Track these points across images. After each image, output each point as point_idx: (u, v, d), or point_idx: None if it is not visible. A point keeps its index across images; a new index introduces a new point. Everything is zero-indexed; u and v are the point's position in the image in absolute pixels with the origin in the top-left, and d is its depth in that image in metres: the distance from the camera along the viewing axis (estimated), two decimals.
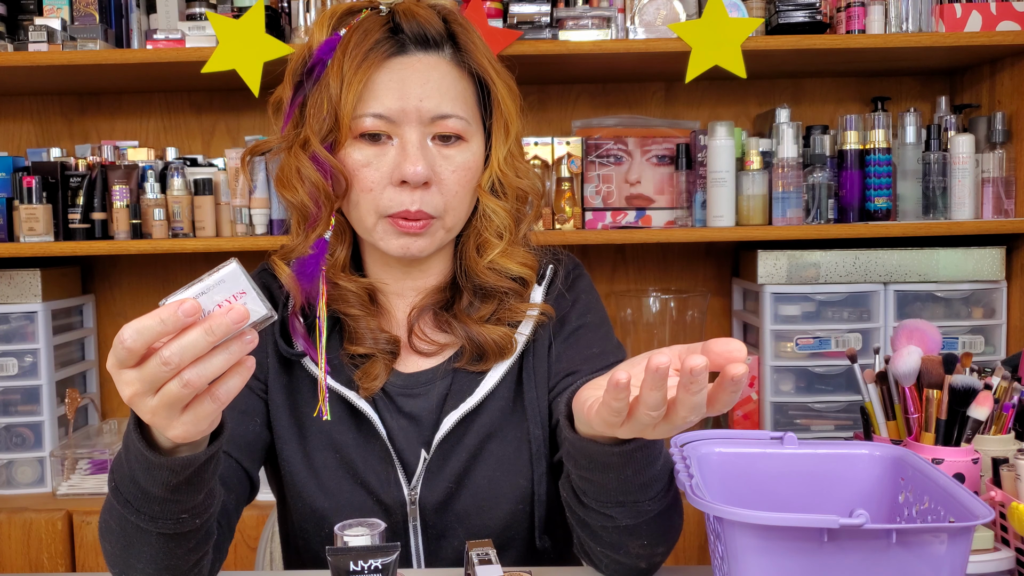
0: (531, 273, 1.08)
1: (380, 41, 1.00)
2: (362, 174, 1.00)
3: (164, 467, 0.79)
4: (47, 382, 2.02)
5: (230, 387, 0.73)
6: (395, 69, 1.00)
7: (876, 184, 1.98)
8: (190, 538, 0.88)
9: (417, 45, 1.01)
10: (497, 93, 1.05)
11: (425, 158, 0.99)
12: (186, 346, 0.69)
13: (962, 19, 1.93)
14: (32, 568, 1.89)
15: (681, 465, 0.84)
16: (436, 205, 1.01)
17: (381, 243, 1.03)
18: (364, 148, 1.01)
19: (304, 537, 1.09)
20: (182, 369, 0.69)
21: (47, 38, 1.89)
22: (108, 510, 0.89)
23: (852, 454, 0.92)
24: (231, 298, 0.72)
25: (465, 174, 1.03)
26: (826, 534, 0.71)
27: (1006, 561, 0.92)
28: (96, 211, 2.00)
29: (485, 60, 1.05)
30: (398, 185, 1.00)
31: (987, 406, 1.05)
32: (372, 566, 0.80)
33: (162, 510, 0.84)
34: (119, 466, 0.85)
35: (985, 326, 2.01)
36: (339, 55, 0.99)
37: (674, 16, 1.94)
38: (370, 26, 1.01)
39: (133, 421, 0.79)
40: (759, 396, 2.03)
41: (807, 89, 2.28)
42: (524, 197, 1.09)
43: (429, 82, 1.00)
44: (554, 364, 1.09)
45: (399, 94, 0.99)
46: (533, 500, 1.07)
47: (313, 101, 1.01)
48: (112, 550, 0.90)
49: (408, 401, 1.07)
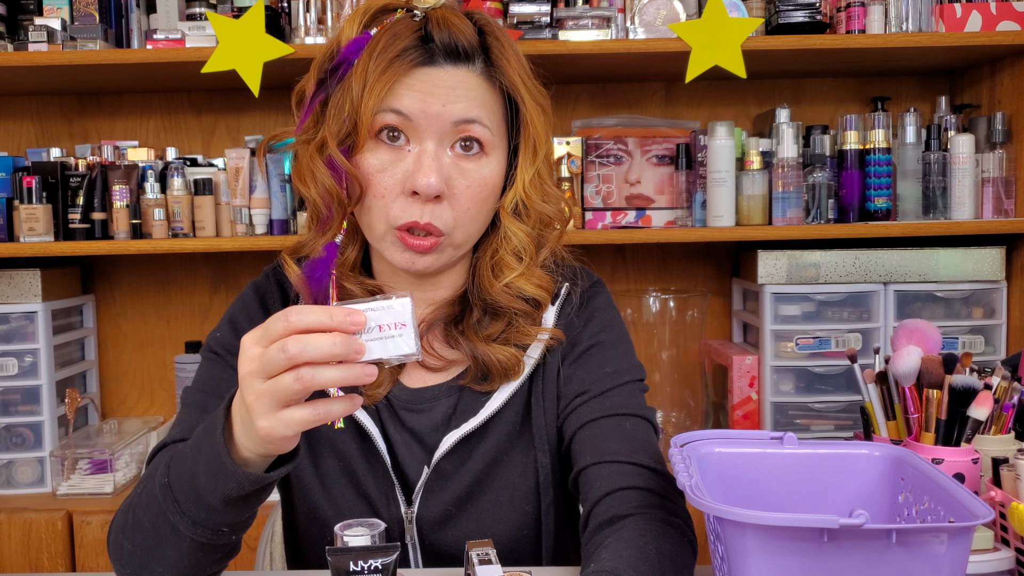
0: (546, 296, 1.05)
1: (408, 49, 0.95)
2: (376, 179, 0.96)
3: (234, 477, 0.81)
4: (47, 382, 2.02)
5: (332, 410, 0.75)
6: (420, 78, 0.95)
7: (876, 184, 1.98)
8: (219, 550, 0.89)
9: (447, 57, 0.96)
10: (526, 112, 1.00)
11: (439, 171, 0.95)
12: (309, 343, 0.72)
13: (962, 19, 1.93)
14: (32, 568, 1.88)
15: (681, 465, 0.84)
16: (446, 221, 0.97)
17: (387, 253, 1.00)
18: (381, 153, 0.96)
19: (308, 540, 1.09)
20: (299, 365, 0.73)
21: (47, 38, 1.89)
22: (144, 506, 0.89)
23: (852, 454, 0.92)
24: (391, 325, 0.76)
25: (480, 190, 0.98)
26: (826, 534, 0.71)
27: (1006, 561, 0.92)
28: (96, 211, 2.00)
29: (517, 77, 1.00)
30: (409, 195, 0.96)
31: (987, 406, 1.05)
32: (372, 566, 0.80)
33: (208, 518, 0.84)
34: (179, 464, 0.85)
35: (985, 326, 2.01)
36: (365, 57, 0.95)
37: (674, 16, 1.94)
38: (401, 30, 0.96)
39: (221, 425, 0.81)
40: (759, 396, 2.03)
41: (807, 89, 2.28)
42: (549, 222, 1.05)
43: (455, 91, 0.96)
44: (564, 385, 1.05)
45: (423, 97, 0.95)
46: (540, 529, 1.05)
47: (335, 101, 0.97)
48: (133, 548, 0.90)
49: (411, 416, 1.05)
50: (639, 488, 0.95)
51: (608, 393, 1.03)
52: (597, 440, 1.00)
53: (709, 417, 2.20)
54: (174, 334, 2.31)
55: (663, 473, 0.97)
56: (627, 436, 1.00)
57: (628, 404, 1.03)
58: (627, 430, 1.01)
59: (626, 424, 1.01)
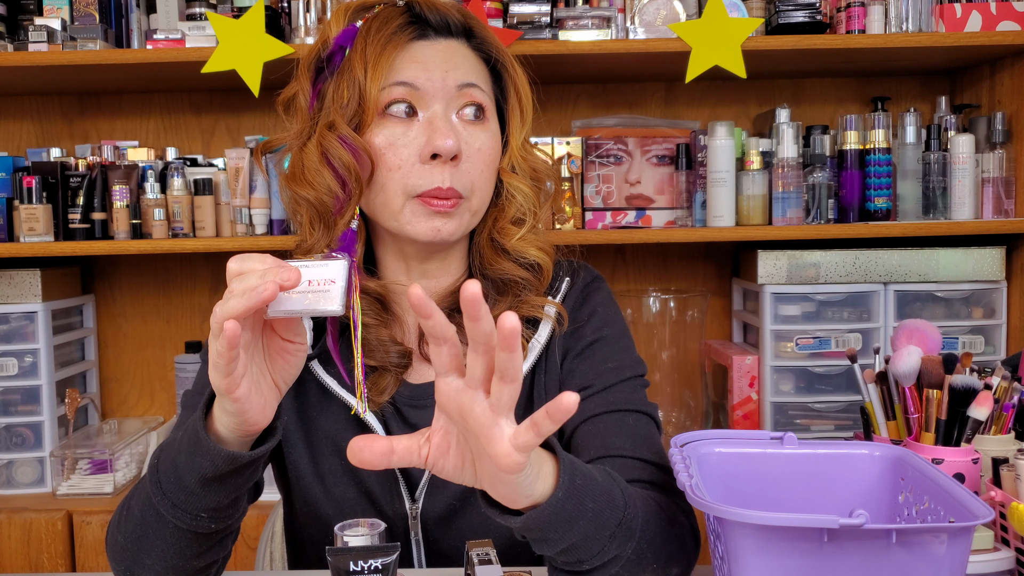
0: (547, 259, 1.06)
1: (402, 26, 1.01)
2: (389, 153, 0.98)
3: (208, 454, 0.81)
4: (47, 382, 2.02)
5: (228, 308, 0.74)
6: (419, 50, 1.01)
7: (876, 184, 1.98)
8: (202, 542, 0.88)
9: (438, 31, 1.03)
10: (515, 77, 1.06)
11: (455, 132, 0.99)
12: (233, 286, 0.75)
13: (962, 19, 1.93)
14: (32, 568, 1.88)
15: (681, 465, 0.84)
16: (465, 183, 1.00)
17: (409, 227, 1.00)
18: (390, 127, 0.99)
19: (310, 540, 1.09)
20: None
21: (47, 38, 1.89)
22: (135, 493, 0.90)
23: (852, 454, 0.92)
24: (320, 281, 0.77)
25: (489, 153, 1.02)
26: (826, 534, 0.71)
27: (1006, 561, 0.91)
28: (96, 211, 1.99)
29: (499, 50, 1.06)
30: (427, 162, 0.98)
31: (987, 406, 1.05)
32: (372, 566, 0.79)
33: (187, 501, 0.84)
34: (168, 447, 0.86)
35: (985, 326, 2.01)
36: (360, 42, 0.99)
37: (674, 16, 1.94)
38: (389, 15, 1.02)
39: (204, 405, 0.82)
40: (759, 396, 2.03)
41: (807, 89, 2.28)
42: (541, 179, 1.08)
43: (452, 59, 1.01)
44: (567, 380, 1.06)
45: (424, 67, 0.99)
46: None
47: (335, 87, 1.00)
48: (124, 543, 0.90)
49: (415, 412, 1.05)
50: (643, 482, 0.96)
51: (611, 389, 1.03)
52: (600, 435, 1.00)
53: (709, 417, 2.20)
54: (174, 334, 2.31)
55: (666, 468, 0.97)
56: (630, 432, 1.00)
57: (631, 400, 1.03)
58: (630, 425, 1.01)
59: (629, 420, 1.01)
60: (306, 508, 1.07)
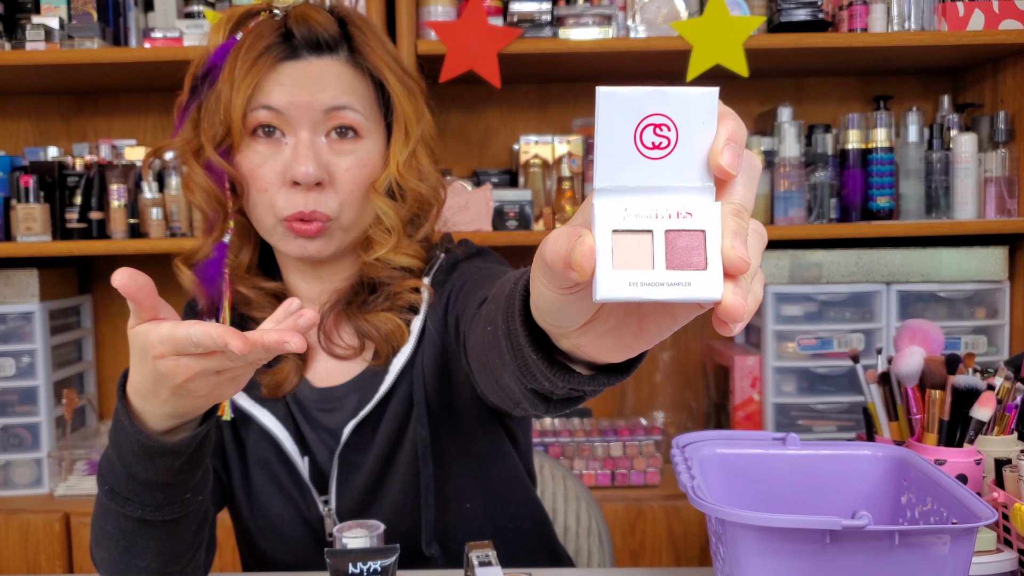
0: (419, 264, 1.06)
1: (271, 46, 0.99)
2: (257, 174, 0.99)
3: (167, 452, 0.79)
4: (44, 383, 2.01)
5: None
6: (286, 72, 0.99)
7: (878, 183, 1.97)
8: (192, 520, 0.88)
9: (310, 49, 1.00)
10: (393, 95, 1.03)
11: (317, 159, 0.98)
12: None
13: (964, 18, 1.93)
14: (29, 569, 1.88)
15: (683, 466, 0.83)
16: (331, 205, 1.00)
17: (280, 244, 1.03)
18: (258, 147, 1.00)
19: (248, 542, 1.12)
20: None
21: (44, 37, 1.89)
22: (103, 516, 0.88)
23: (854, 455, 0.92)
24: None
25: (360, 171, 1.01)
26: (829, 535, 0.70)
27: (1009, 563, 0.91)
28: (93, 211, 1.99)
29: (382, 62, 1.03)
30: (291, 186, 0.99)
31: (990, 407, 1.05)
32: (371, 568, 0.79)
33: (167, 496, 0.83)
34: (109, 469, 0.83)
35: (988, 326, 2.00)
36: (231, 60, 0.98)
37: (675, 14, 1.93)
38: (263, 30, 1.00)
39: (125, 418, 0.78)
40: (761, 397, 2.02)
41: (809, 88, 2.27)
42: (426, 202, 1.07)
43: (321, 80, 0.99)
44: (461, 305, 1.00)
45: (290, 91, 0.98)
46: (420, 505, 1.04)
47: (207, 106, 1.01)
48: (111, 557, 0.89)
49: (324, 415, 1.07)
50: None
51: None
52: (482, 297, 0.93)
53: (711, 418, 2.19)
54: None
55: None
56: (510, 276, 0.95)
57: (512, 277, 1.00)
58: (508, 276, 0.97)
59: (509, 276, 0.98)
60: (245, 525, 1.10)
